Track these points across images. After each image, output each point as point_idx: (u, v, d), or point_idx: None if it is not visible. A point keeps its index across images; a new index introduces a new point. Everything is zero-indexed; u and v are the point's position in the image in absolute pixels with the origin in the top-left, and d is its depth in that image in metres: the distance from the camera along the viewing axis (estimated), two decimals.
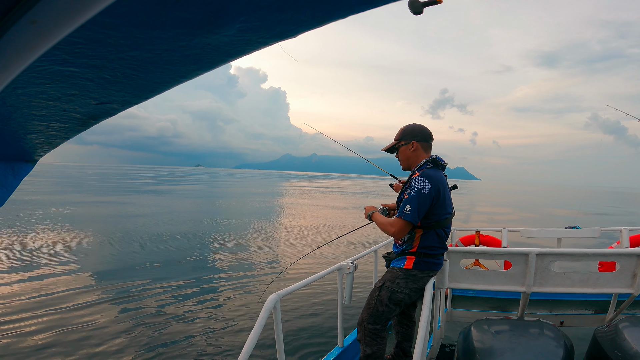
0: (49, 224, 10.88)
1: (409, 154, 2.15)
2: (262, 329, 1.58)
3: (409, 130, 2.17)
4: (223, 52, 0.41)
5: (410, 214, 1.94)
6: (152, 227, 11.54)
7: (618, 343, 1.88)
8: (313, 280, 2.20)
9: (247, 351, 1.45)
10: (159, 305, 5.09)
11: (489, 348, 1.87)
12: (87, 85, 0.45)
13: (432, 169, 2.08)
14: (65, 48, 0.36)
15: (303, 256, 3.86)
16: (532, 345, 1.86)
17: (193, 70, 0.45)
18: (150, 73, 0.44)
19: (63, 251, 7.91)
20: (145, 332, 4.21)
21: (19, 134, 0.62)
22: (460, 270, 2.40)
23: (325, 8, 0.33)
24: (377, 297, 2.12)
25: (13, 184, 0.81)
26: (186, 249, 8.68)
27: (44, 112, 0.52)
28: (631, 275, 2.24)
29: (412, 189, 1.97)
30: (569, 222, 4.65)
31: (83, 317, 4.57)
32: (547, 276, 2.27)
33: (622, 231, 4.30)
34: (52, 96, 0.47)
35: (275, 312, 1.77)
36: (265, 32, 0.38)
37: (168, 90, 0.50)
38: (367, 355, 2.12)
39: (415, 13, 0.33)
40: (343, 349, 2.70)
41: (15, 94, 0.45)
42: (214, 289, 5.89)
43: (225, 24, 0.36)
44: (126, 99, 0.50)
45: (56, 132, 0.61)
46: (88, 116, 0.55)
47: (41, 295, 5.24)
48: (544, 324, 2.09)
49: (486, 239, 4.74)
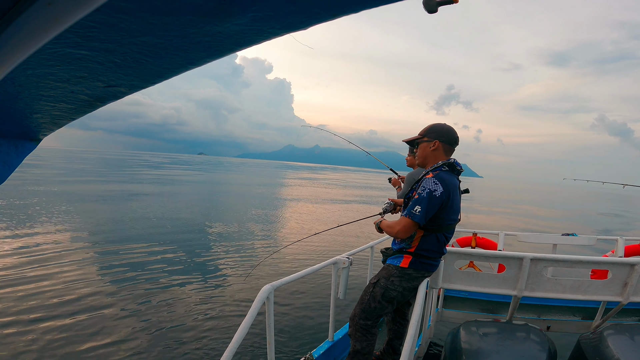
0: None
1: (428, 152, 2.11)
2: (254, 319, 1.59)
3: (436, 129, 2.12)
4: (233, 40, 0.41)
5: (419, 215, 1.91)
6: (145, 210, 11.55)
7: (601, 350, 1.90)
8: (308, 273, 2.21)
9: (238, 340, 1.46)
10: (148, 286, 5.13)
11: (476, 350, 1.90)
12: (97, 68, 0.45)
13: (446, 172, 2.04)
14: (79, 31, 0.36)
15: (298, 240, 3.88)
16: (517, 349, 1.89)
17: (202, 58, 0.45)
18: (159, 59, 0.44)
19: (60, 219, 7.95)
20: (136, 316, 4.24)
21: (25, 113, 0.62)
22: (454, 271, 2.42)
23: (338, 1, 0.34)
24: (370, 293, 2.13)
25: (15, 161, 0.81)
26: (182, 232, 8.71)
27: (52, 92, 0.52)
28: (622, 284, 2.26)
29: (423, 190, 1.93)
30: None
31: (78, 301, 4.60)
32: (539, 281, 2.29)
33: (617, 240, 4.32)
34: (61, 78, 0.47)
35: (268, 303, 1.78)
36: (277, 22, 0.38)
37: (176, 76, 0.51)
38: (356, 351, 2.13)
39: (430, 12, 0.33)
40: (333, 343, 2.73)
41: (25, 74, 0.45)
42: (209, 272, 5.92)
43: (237, 13, 0.36)
44: (134, 83, 0.51)
45: (62, 113, 0.61)
46: (95, 98, 0.55)
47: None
48: (530, 328, 2.12)
49: (482, 241, 4.76)
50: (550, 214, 25.32)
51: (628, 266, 2.23)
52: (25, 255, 6.20)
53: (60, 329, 3.82)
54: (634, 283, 2.22)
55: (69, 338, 3.67)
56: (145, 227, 9.37)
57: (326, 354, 2.64)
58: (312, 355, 2.47)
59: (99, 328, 3.90)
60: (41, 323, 3.91)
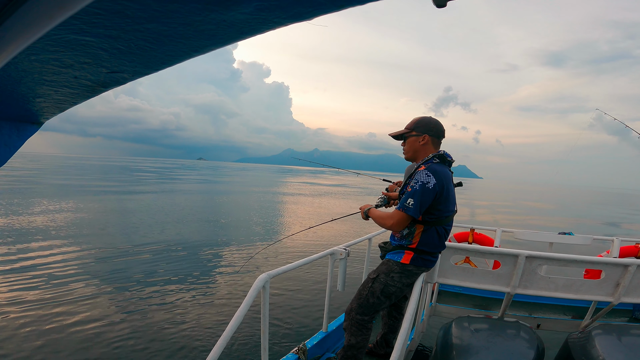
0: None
1: (418, 146, 2.09)
2: (249, 307, 1.59)
3: (424, 123, 2.09)
4: (237, 29, 0.41)
5: (412, 208, 1.90)
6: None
7: (587, 350, 1.91)
8: (304, 264, 2.21)
9: (232, 328, 1.46)
10: (142, 277, 5.17)
11: (466, 345, 1.92)
12: (101, 54, 0.45)
13: (438, 164, 2.02)
14: (84, 18, 0.36)
15: (293, 233, 3.90)
16: (506, 346, 1.91)
17: (206, 46, 0.45)
18: (163, 46, 0.44)
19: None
20: (129, 304, 4.27)
21: (28, 97, 0.62)
22: (449, 266, 2.43)
23: None
24: (369, 288, 2.11)
25: (17, 143, 0.81)
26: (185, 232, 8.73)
27: (55, 78, 0.52)
28: (614, 284, 2.28)
29: (416, 182, 1.92)
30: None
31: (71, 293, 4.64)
32: (532, 279, 2.31)
33: (613, 241, 4.34)
34: (64, 63, 0.47)
35: (264, 292, 1.79)
36: (282, 12, 0.38)
37: (179, 64, 0.50)
38: (351, 345, 2.13)
39: (439, 6, 0.33)
40: (326, 334, 2.75)
41: (29, 59, 0.45)
42: (205, 264, 5.96)
43: (243, 2, 0.36)
44: (137, 70, 0.51)
45: (65, 97, 0.61)
46: (98, 84, 0.55)
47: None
48: (521, 325, 2.13)
49: (479, 237, 4.78)
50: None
51: (621, 267, 2.25)
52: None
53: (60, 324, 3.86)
54: (626, 284, 2.23)
55: (62, 328, 3.71)
56: (146, 229, 9.39)
57: (319, 344, 2.66)
58: (305, 346, 2.50)
59: (93, 314, 3.94)
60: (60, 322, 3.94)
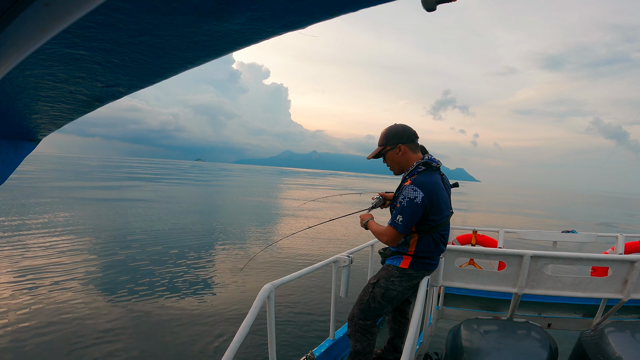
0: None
1: (398, 158, 2.07)
2: (255, 317, 1.59)
3: (392, 134, 2.07)
4: (232, 40, 0.41)
5: (401, 225, 1.91)
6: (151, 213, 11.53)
7: (602, 347, 1.90)
8: (308, 272, 2.21)
9: (239, 339, 1.46)
10: (148, 288, 5.13)
11: (477, 347, 1.90)
12: (95, 68, 0.45)
13: (424, 172, 2.01)
14: (77, 31, 0.36)
15: (292, 234, 3.88)
16: (518, 347, 1.89)
17: (201, 57, 0.45)
18: (158, 58, 0.44)
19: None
20: (133, 315, 4.24)
21: (24, 114, 0.62)
22: (454, 269, 2.42)
23: (336, 0, 0.33)
24: (370, 293, 2.12)
25: (15, 161, 0.81)
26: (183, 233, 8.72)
27: (51, 93, 0.52)
28: (622, 281, 2.26)
29: (403, 199, 1.92)
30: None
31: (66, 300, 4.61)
32: (539, 278, 2.29)
33: (617, 237, 4.33)
34: (59, 78, 0.47)
35: (269, 302, 1.78)
36: (275, 21, 0.38)
37: (174, 76, 0.51)
38: (356, 351, 2.12)
39: (428, 10, 0.33)
40: (334, 342, 2.73)
41: (23, 74, 0.45)
42: (208, 273, 5.93)
43: (236, 12, 0.36)
44: (133, 83, 0.51)
45: (61, 113, 0.61)
46: (94, 98, 0.55)
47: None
48: (531, 325, 2.12)
49: (483, 239, 4.76)
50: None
51: (628, 263, 2.23)
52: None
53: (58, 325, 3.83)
54: (634, 280, 2.22)
55: (63, 336, 3.68)
56: (147, 230, 9.38)
57: (327, 352, 2.64)
58: (313, 354, 2.47)
59: (93, 325, 3.91)
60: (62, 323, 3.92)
